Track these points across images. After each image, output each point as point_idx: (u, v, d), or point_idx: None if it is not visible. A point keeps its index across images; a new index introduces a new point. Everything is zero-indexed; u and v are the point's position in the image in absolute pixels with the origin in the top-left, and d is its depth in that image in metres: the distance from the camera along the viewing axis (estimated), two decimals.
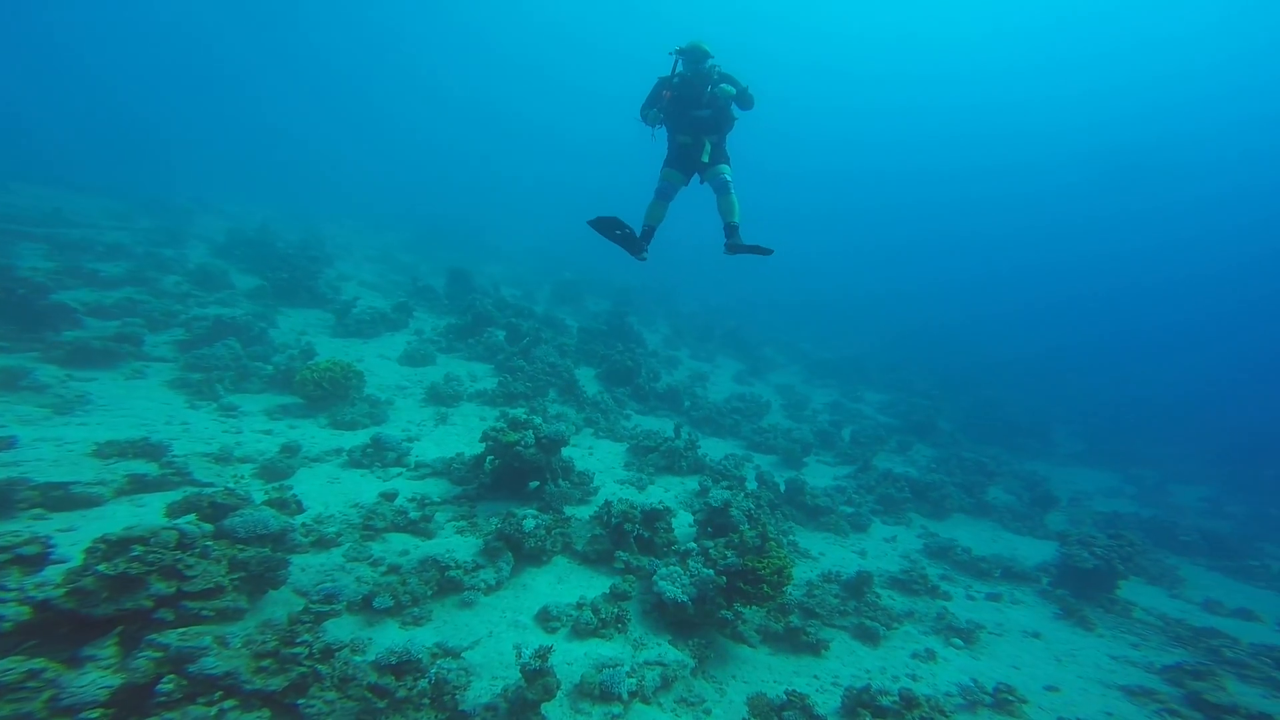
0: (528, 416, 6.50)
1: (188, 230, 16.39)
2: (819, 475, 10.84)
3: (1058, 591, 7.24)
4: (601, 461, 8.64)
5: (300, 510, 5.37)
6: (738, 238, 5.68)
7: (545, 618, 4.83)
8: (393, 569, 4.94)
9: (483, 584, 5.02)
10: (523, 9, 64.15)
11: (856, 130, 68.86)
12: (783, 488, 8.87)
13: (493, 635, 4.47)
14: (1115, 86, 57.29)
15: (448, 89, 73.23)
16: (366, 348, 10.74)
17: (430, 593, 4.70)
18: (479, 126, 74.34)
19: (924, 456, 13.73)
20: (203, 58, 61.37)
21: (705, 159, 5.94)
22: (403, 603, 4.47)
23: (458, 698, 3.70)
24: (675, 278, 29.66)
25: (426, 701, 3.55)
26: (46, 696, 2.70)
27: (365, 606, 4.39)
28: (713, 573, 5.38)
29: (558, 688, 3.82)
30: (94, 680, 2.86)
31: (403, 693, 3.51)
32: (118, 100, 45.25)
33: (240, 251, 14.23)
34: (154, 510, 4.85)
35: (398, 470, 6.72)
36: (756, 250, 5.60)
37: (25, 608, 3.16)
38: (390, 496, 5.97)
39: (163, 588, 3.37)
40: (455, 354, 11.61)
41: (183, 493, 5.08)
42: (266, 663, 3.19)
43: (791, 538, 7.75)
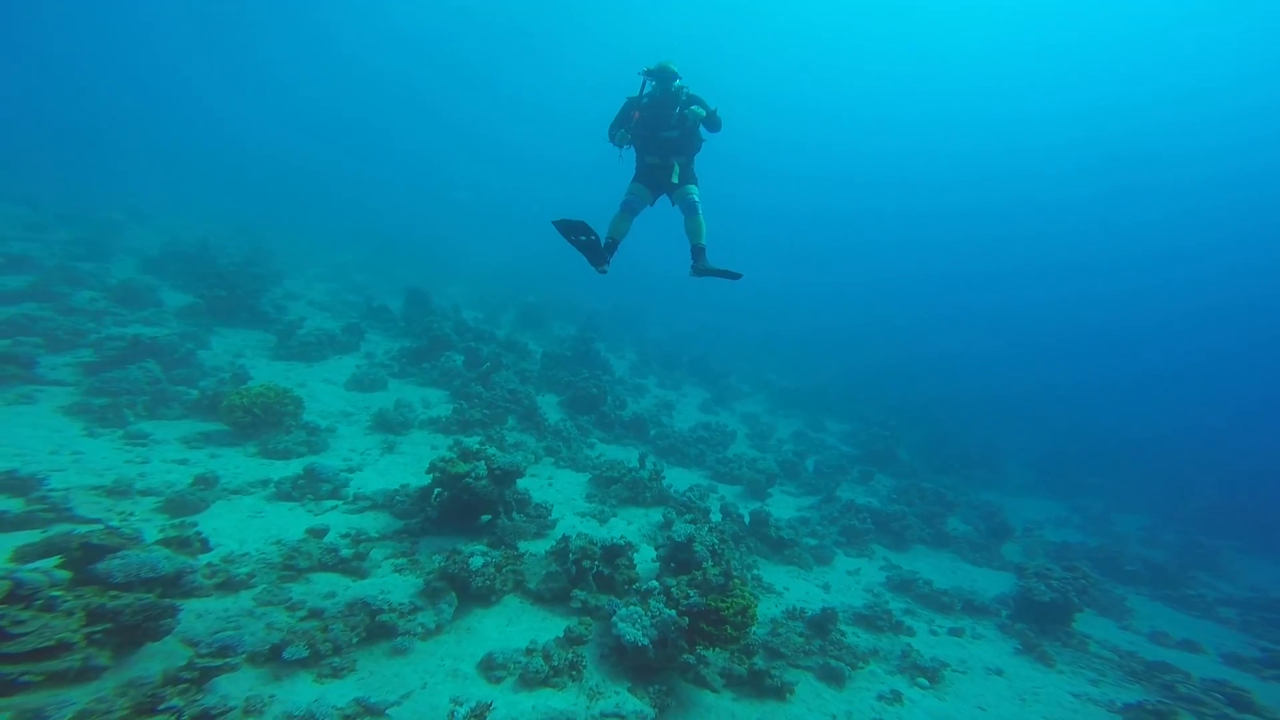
0: (480, 446, 6.15)
1: (115, 244, 15.25)
2: (783, 506, 10.74)
3: (1017, 625, 7.25)
4: (561, 493, 8.28)
5: (206, 549, 4.82)
6: (704, 260, 5.62)
7: (490, 666, 4.43)
8: (314, 613, 4.45)
9: (420, 628, 4.58)
10: (487, 22, 64.78)
11: (821, 168, 71.95)
12: (747, 520, 8.70)
13: (426, 687, 4.05)
14: (1069, 140, 61.29)
15: (414, 105, 72.91)
16: (310, 372, 10.14)
17: (356, 640, 4.23)
18: (445, 144, 74.10)
19: (885, 486, 13.87)
20: (152, 63, 59.02)
21: (675, 179, 5.91)
22: (321, 652, 3.99)
23: None
24: (644, 304, 29.77)
25: None
26: None
27: (273, 658, 3.88)
28: (675, 613, 5.10)
29: None
30: None
31: None
32: (53, 102, 42.86)
33: (175, 267, 13.35)
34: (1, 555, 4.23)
35: (333, 503, 6.21)
36: (725, 274, 5.51)
37: None
38: (319, 532, 5.46)
39: None
40: (409, 379, 11.11)
41: (47, 533, 4.46)
42: None
43: (755, 572, 7.55)
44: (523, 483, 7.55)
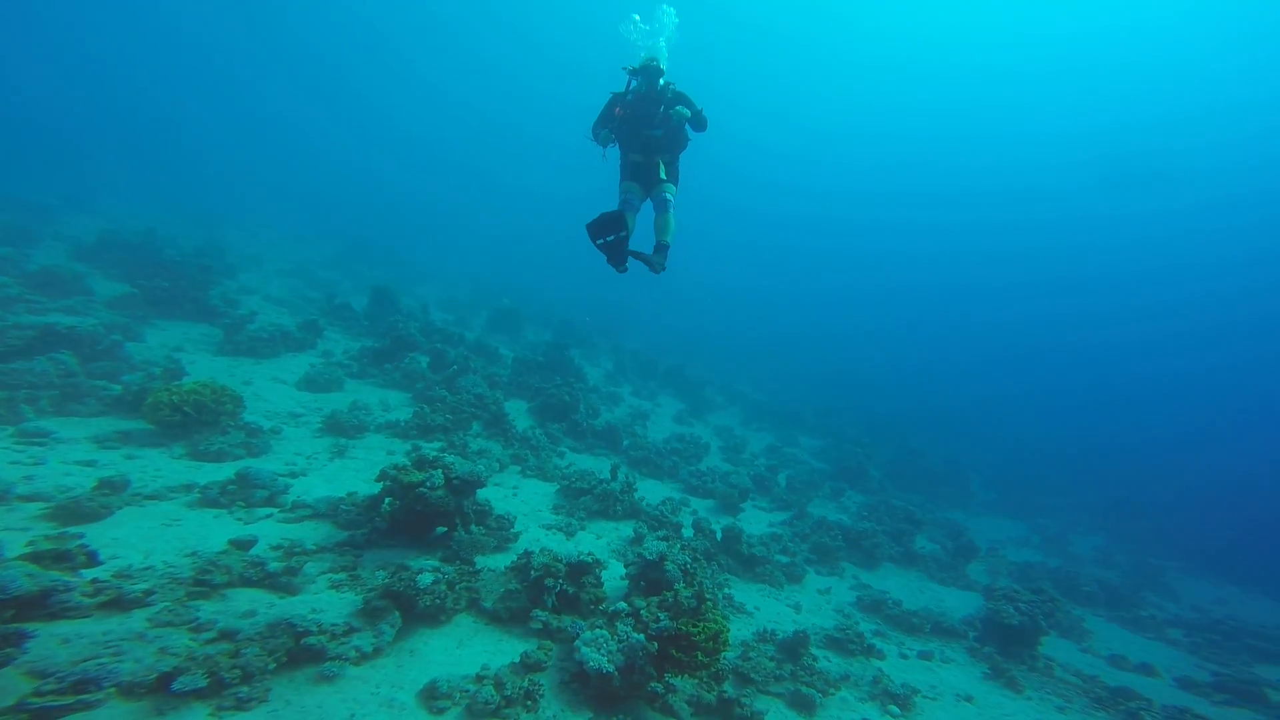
0: (438, 454, 5.76)
1: (44, 230, 14.14)
2: (755, 522, 10.57)
3: (985, 649, 7.21)
4: (527, 504, 7.90)
5: (92, 563, 4.27)
6: (664, 256, 5.48)
7: (432, 695, 4.02)
8: (225, 635, 3.94)
9: (353, 652, 4.13)
10: (475, 24, 64.18)
11: (798, 177, 73.15)
12: (719, 536, 8.48)
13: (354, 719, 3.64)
14: (1038, 163, 63.81)
15: (395, 107, 71.63)
16: (259, 369, 9.49)
17: (274, 665, 3.74)
18: (430, 145, 72.86)
19: (855, 503, 13.89)
20: (116, 56, 56.22)
21: (661, 175, 5.78)
22: (226, 680, 3.47)
23: None
24: (622, 311, 29.55)
25: None
26: None
27: (158, 689, 3.33)
28: (643, 638, 4.81)
29: None
30: None
31: None
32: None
33: (112, 255, 12.41)
34: None
35: (267, 511, 5.68)
36: (648, 261, 5.37)
37: None
38: (245, 544, 4.95)
39: None
40: (368, 380, 10.54)
41: None
42: None
43: (727, 590, 7.32)
44: (485, 492, 7.16)
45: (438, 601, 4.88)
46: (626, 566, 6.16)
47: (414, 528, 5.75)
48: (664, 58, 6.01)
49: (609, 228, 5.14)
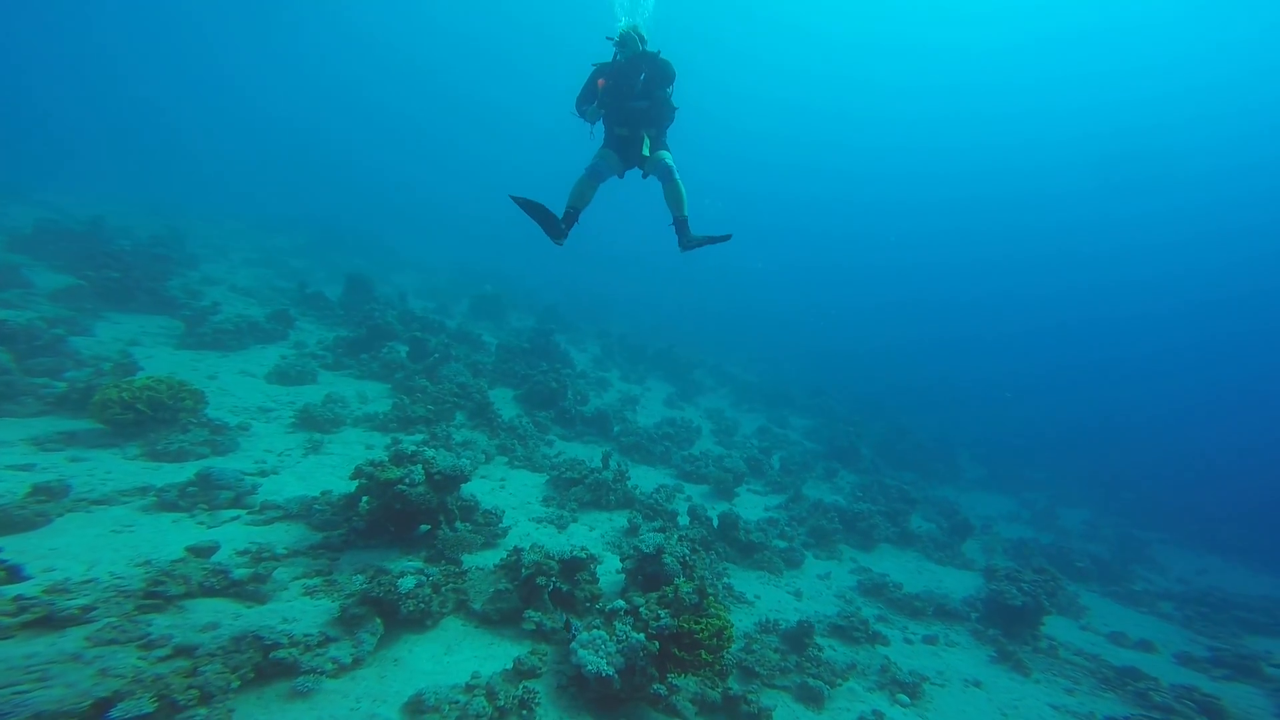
0: (417, 449, 5.34)
1: None
2: (750, 506, 10.36)
3: (990, 631, 7.09)
4: (515, 496, 7.54)
5: (16, 578, 3.82)
6: (688, 232, 5.26)
7: (418, 708, 3.69)
8: (182, 651, 3.52)
9: (330, 664, 3.77)
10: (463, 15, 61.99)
11: (790, 158, 72.44)
12: (716, 522, 8.23)
13: None
14: (1031, 138, 63.22)
15: (374, 93, 69.12)
16: (225, 363, 8.92)
17: (238, 683, 3.36)
18: (400, 132, 70.64)
19: (849, 483, 13.78)
20: (78, 40, 53.14)
21: (646, 151, 5.51)
22: (178, 703, 3.08)
23: None
24: (608, 295, 29.02)
25: None
26: None
27: (92, 718, 2.93)
28: (643, 637, 4.52)
29: None
30: None
31: None
32: None
33: (55, 247, 11.60)
34: None
35: (233, 514, 5.24)
36: (712, 240, 5.19)
37: None
38: (205, 550, 4.51)
39: None
40: (344, 371, 10.01)
41: None
42: None
43: (726, 580, 7.09)
44: (471, 486, 6.79)
45: (422, 605, 4.53)
46: (623, 560, 5.86)
47: (395, 527, 5.37)
48: (646, 25, 5.73)
49: (535, 208, 5.06)
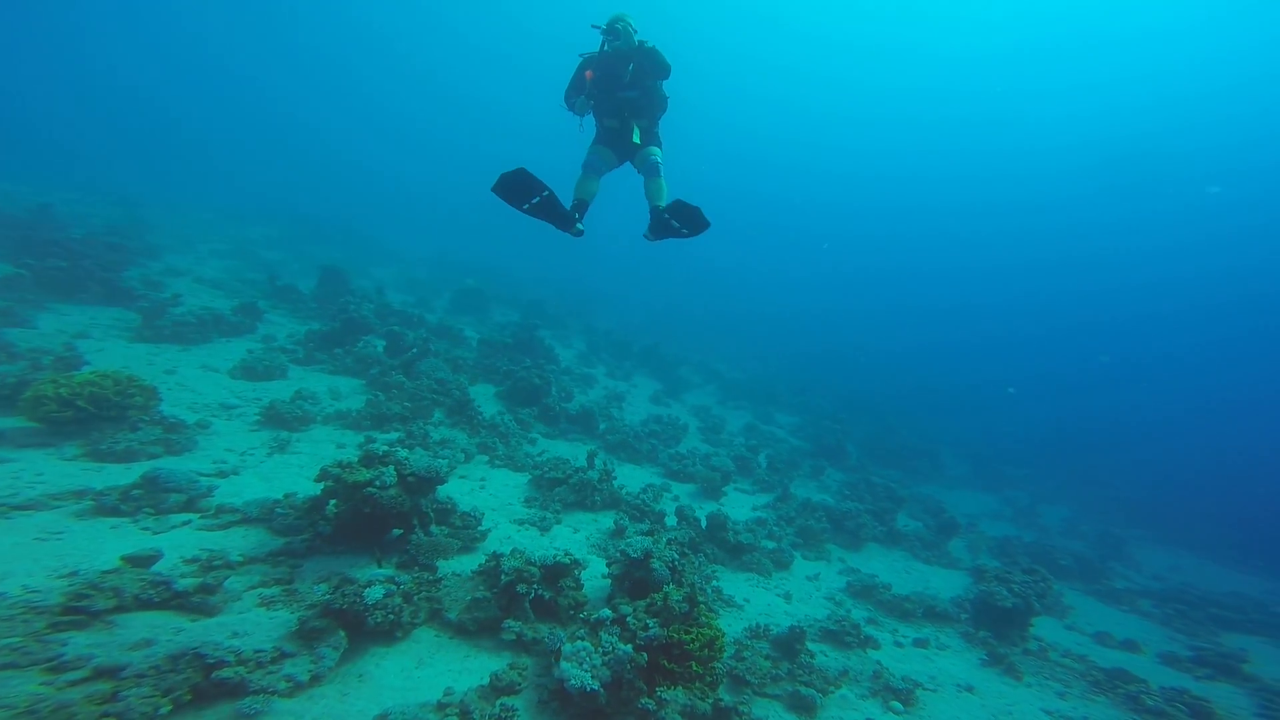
0: (389, 449, 5.01)
1: None
2: (739, 505, 10.18)
3: (980, 633, 6.99)
4: (496, 497, 7.23)
5: None
6: (670, 213, 4.97)
7: None
8: (103, 673, 3.11)
9: (284, 683, 3.42)
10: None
11: (780, 157, 72.56)
12: (704, 524, 8.01)
13: None
14: (1026, 144, 63.91)
15: (356, 82, 67.34)
16: (185, 356, 8.41)
17: (168, 709, 2.97)
18: (383, 123, 69.00)
19: (835, 481, 13.71)
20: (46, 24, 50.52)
21: (636, 140, 5.38)
22: None
23: None
24: (594, 290, 28.63)
25: None
26: None
27: None
28: (631, 649, 4.28)
29: None
30: None
31: None
32: None
33: None
34: None
35: (184, 518, 4.83)
36: (683, 230, 4.92)
37: None
38: (145, 559, 4.09)
39: None
40: (316, 366, 9.55)
41: None
42: None
43: (715, 582, 6.88)
44: (449, 487, 6.48)
45: (391, 616, 4.21)
46: (609, 565, 5.61)
47: (364, 531, 5.02)
48: (632, 13, 5.56)
49: (522, 188, 4.45)
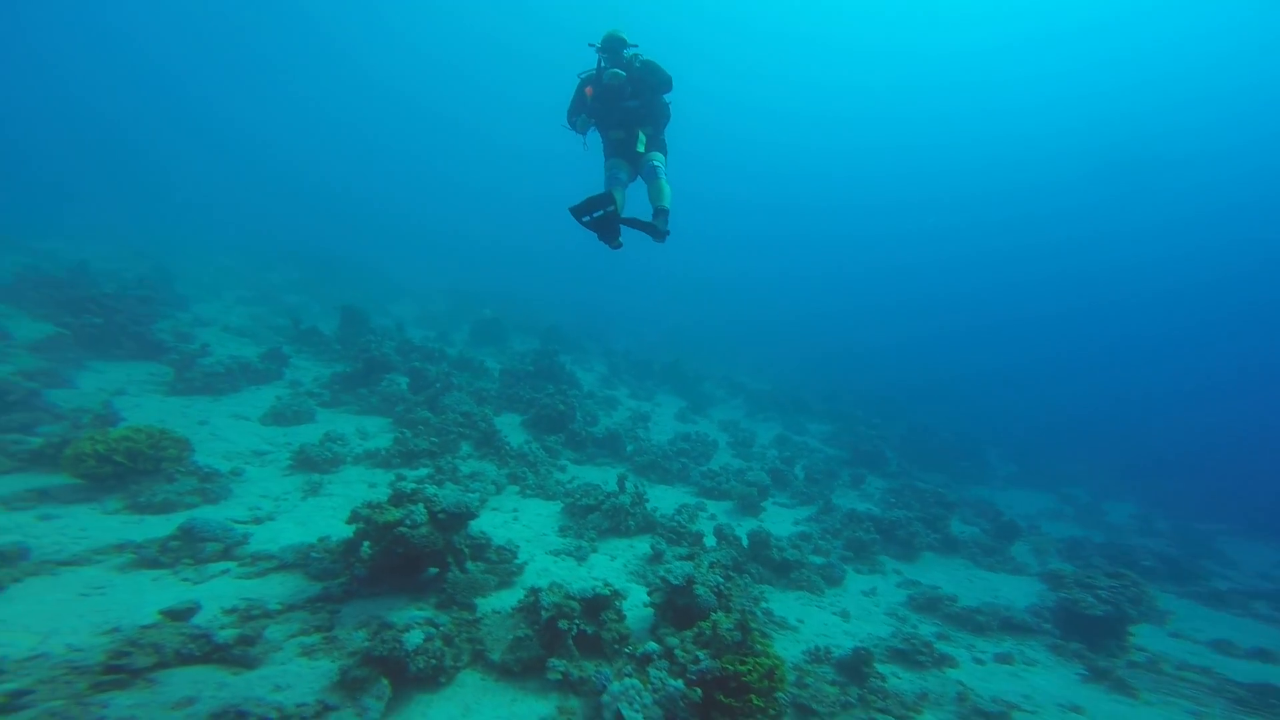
0: (418, 486, 4.78)
1: None
2: (779, 520, 9.66)
3: (1071, 645, 6.31)
4: (530, 527, 6.92)
5: None
6: (662, 218, 5.38)
7: None
8: None
9: None
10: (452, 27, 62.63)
11: (790, 162, 72.71)
12: (745, 542, 7.56)
13: None
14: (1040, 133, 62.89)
15: (353, 116, 69.93)
16: (216, 407, 8.46)
17: None
18: (392, 158, 71.32)
19: (878, 489, 13.04)
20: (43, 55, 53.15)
21: (641, 148, 5.56)
22: None
23: None
24: (609, 313, 28.58)
25: None
26: None
27: None
28: (682, 684, 3.89)
29: None
30: None
31: None
32: None
33: (37, 294, 11.18)
34: None
35: (222, 567, 4.67)
36: (650, 228, 5.29)
37: None
38: (183, 612, 3.92)
39: None
40: (343, 408, 9.52)
41: None
42: None
43: (765, 604, 6.40)
44: (482, 521, 6.20)
45: (433, 661, 3.94)
46: (650, 593, 5.23)
47: (400, 571, 4.77)
48: (626, 29, 5.72)
49: (595, 204, 4.95)
